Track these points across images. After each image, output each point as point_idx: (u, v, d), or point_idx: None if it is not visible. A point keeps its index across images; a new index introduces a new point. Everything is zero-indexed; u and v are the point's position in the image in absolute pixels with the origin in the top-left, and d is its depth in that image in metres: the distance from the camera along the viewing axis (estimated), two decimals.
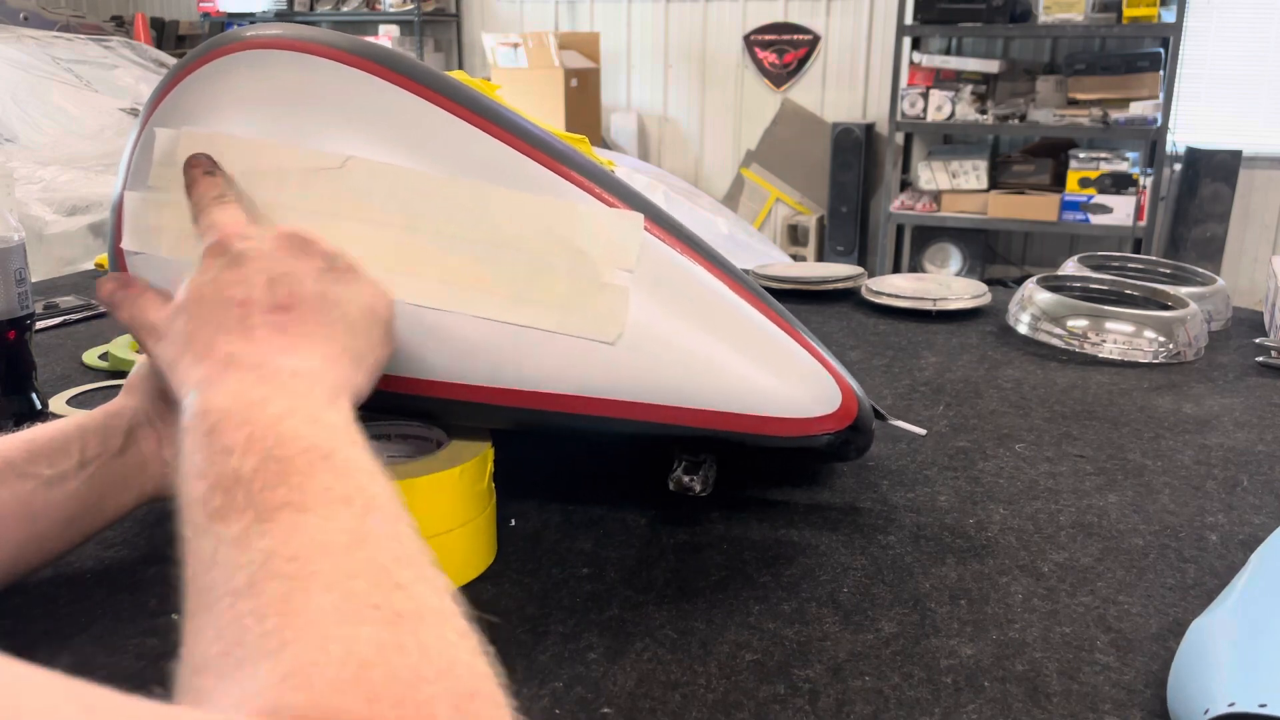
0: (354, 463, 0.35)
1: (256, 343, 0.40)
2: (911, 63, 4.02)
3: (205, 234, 0.46)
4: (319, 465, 0.33)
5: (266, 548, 0.30)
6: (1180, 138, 3.96)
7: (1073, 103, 3.80)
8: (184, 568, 0.32)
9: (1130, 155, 3.76)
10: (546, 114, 3.96)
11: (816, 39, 4.49)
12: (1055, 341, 0.98)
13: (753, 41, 4.59)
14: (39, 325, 0.95)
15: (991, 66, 3.97)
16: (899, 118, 3.94)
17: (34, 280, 0.86)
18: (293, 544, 0.30)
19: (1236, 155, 3.84)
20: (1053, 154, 3.95)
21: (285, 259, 0.43)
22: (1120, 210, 3.76)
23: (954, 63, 3.99)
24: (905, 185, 4.23)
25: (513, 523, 0.61)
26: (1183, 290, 1.04)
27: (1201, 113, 4.04)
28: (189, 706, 0.26)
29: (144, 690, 0.23)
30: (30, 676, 0.20)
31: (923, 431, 0.68)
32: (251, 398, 0.36)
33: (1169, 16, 3.58)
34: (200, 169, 0.49)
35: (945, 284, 1.14)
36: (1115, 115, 3.69)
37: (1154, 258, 1.22)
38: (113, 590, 0.54)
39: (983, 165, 3.93)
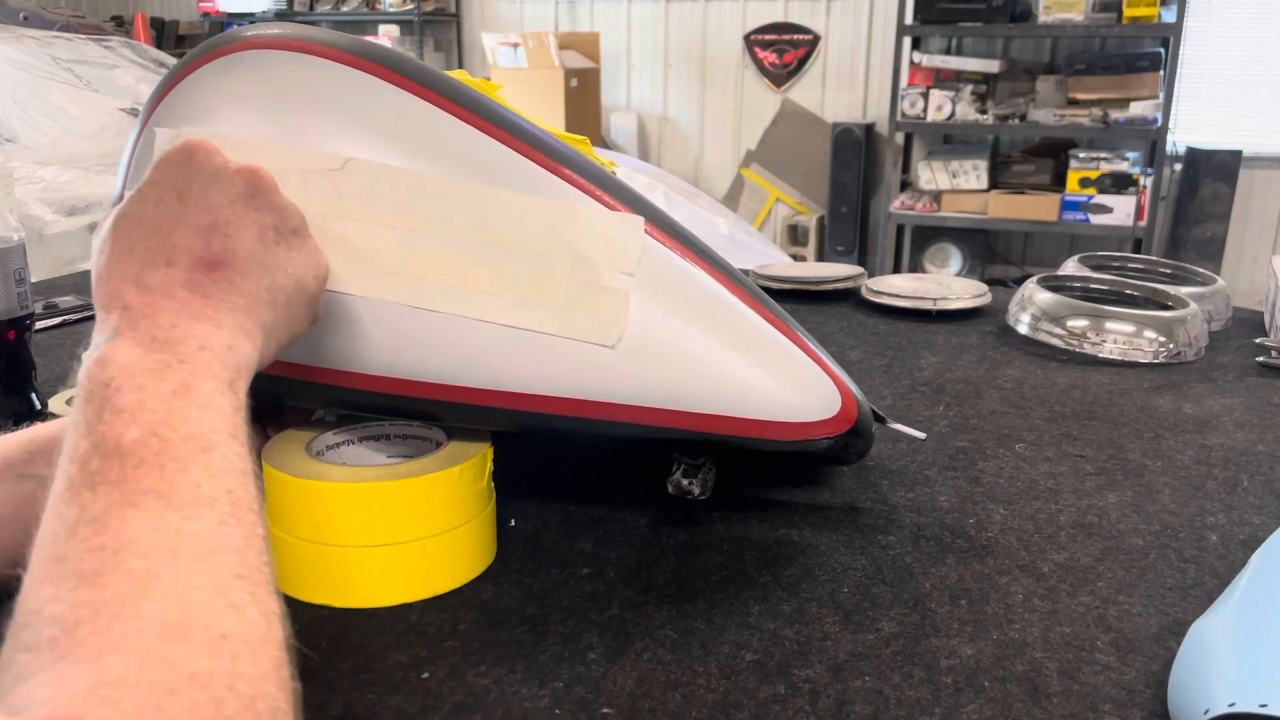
0: (230, 461, 0.36)
1: (174, 300, 0.39)
2: (911, 63, 4.02)
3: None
4: (196, 458, 0.34)
5: (123, 536, 0.31)
6: (1180, 138, 3.96)
7: (1073, 103, 3.80)
8: (43, 525, 0.33)
9: (1130, 155, 3.76)
10: (546, 114, 3.96)
11: (816, 39, 4.49)
12: (1055, 341, 0.98)
13: (753, 41, 4.59)
14: (39, 325, 0.95)
15: (991, 66, 3.97)
16: (899, 118, 3.94)
17: (34, 280, 0.86)
18: (147, 540, 0.31)
19: (1236, 155, 3.84)
20: (1053, 154, 3.95)
21: (235, 202, 0.42)
22: (1120, 210, 3.76)
23: (954, 63, 3.99)
24: (905, 185, 4.23)
25: (513, 523, 0.61)
26: (1183, 290, 1.04)
27: (1201, 113, 4.04)
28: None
29: None
30: None
31: (923, 435, 0.68)
32: (152, 363, 0.37)
33: (1169, 16, 3.58)
34: None
35: (945, 284, 1.14)
36: (1115, 115, 3.69)
37: (1154, 258, 1.22)
38: None
39: (983, 165, 3.93)
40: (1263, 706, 0.38)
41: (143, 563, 0.30)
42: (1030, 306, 1.02)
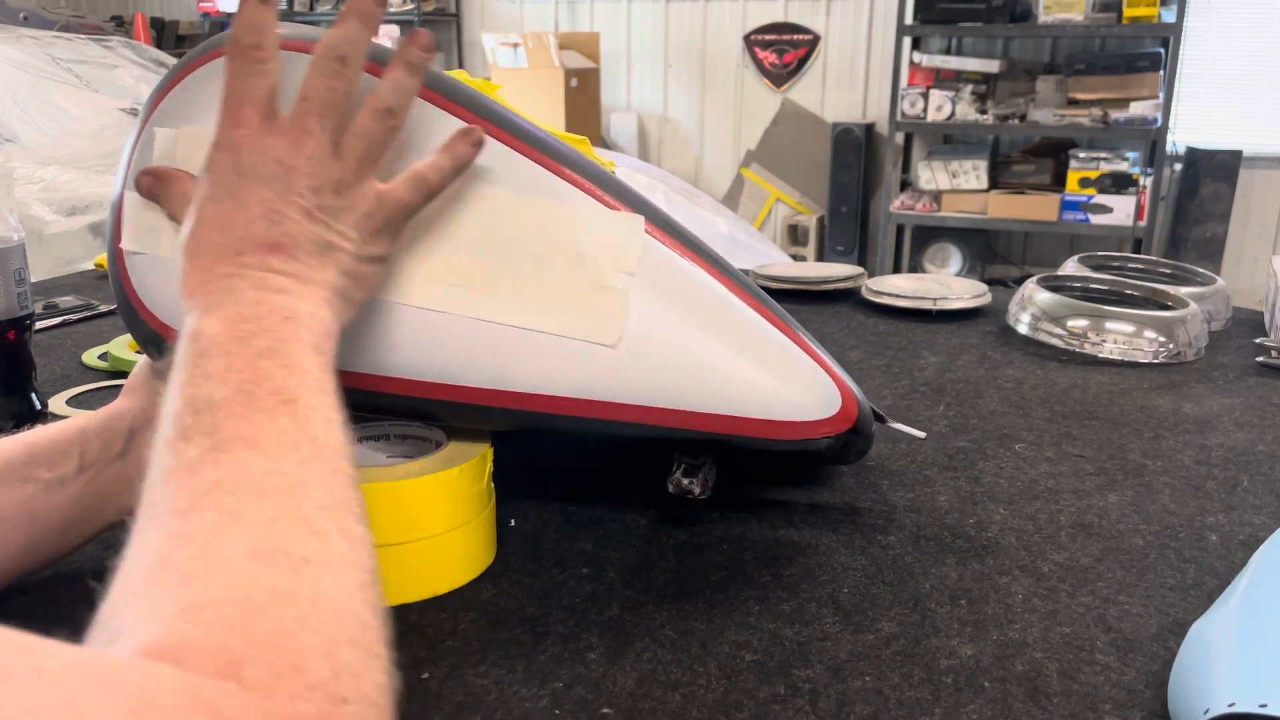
0: (315, 410, 0.38)
1: (252, 280, 0.42)
2: (911, 63, 4.02)
3: (223, 110, 0.45)
4: (281, 409, 0.36)
5: (213, 477, 0.33)
6: (1180, 138, 3.96)
7: (1073, 103, 3.80)
8: (145, 483, 0.35)
9: (1130, 155, 3.75)
10: (546, 114, 3.96)
11: (816, 39, 4.49)
12: (1055, 341, 0.98)
13: (753, 41, 4.59)
14: (39, 325, 0.95)
15: (991, 66, 3.97)
16: (899, 118, 3.94)
17: (34, 280, 0.86)
18: (235, 478, 0.33)
19: (1236, 155, 3.84)
20: (1053, 154, 3.95)
21: (279, 191, 0.44)
22: (1120, 210, 3.76)
23: (954, 63, 3.98)
24: (905, 185, 4.23)
25: (513, 523, 0.61)
26: (1183, 290, 1.04)
27: (1201, 113, 4.04)
28: (96, 646, 0.29)
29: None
30: None
31: (923, 435, 0.68)
32: (239, 331, 0.39)
33: (1169, 16, 3.58)
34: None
35: (945, 284, 1.14)
36: (1115, 115, 3.69)
37: (1154, 258, 1.22)
38: None
39: (983, 165, 3.93)
40: (1263, 706, 0.38)
41: (231, 498, 0.32)
42: (1030, 306, 1.02)
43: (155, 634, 0.27)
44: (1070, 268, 1.17)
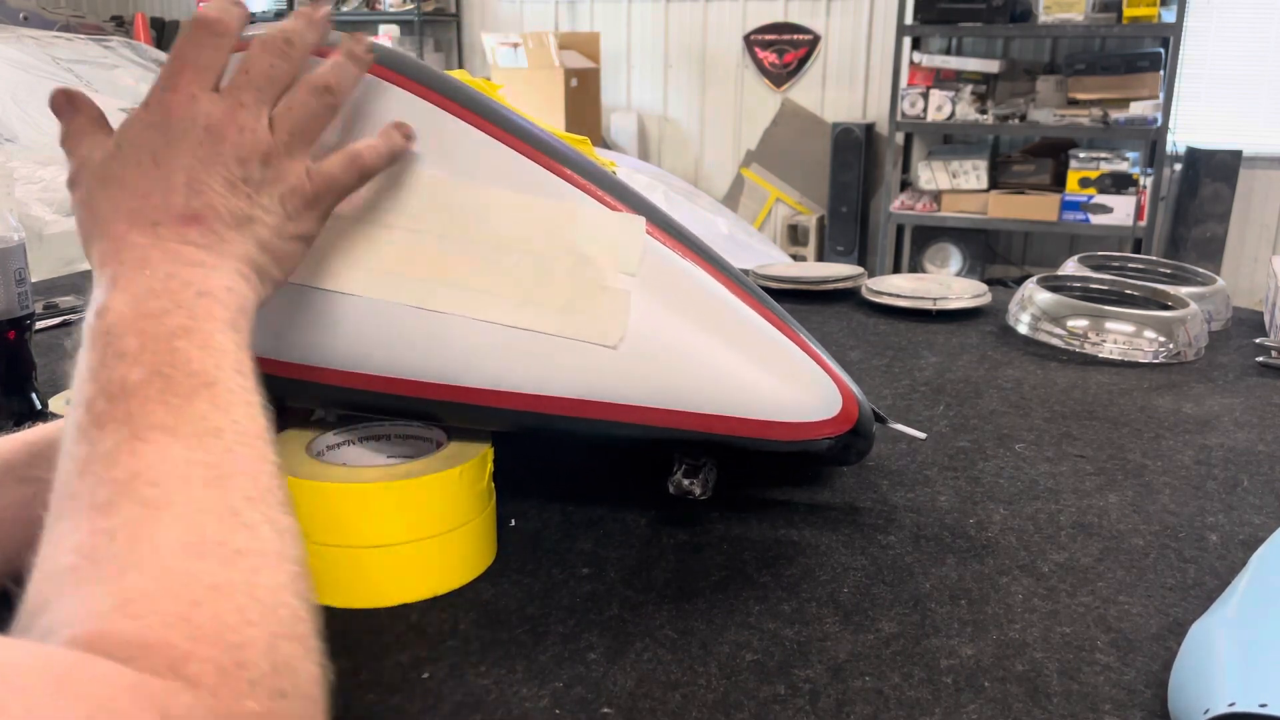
0: (234, 394, 0.37)
1: (166, 252, 0.41)
2: (911, 63, 4.02)
3: (164, 71, 0.44)
4: (200, 393, 0.35)
5: (133, 468, 0.32)
6: (1180, 138, 3.96)
7: (1073, 103, 3.80)
8: (58, 469, 0.34)
9: (1130, 155, 3.75)
10: (546, 114, 3.96)
11: (816, 39, 4.49)
12: (1055, 341, 0.98)
13: (753, 41, 4.59)
14: (39, 325, 0.95)
15: (991, 66, 3.97)
16: (899, 118, 3.94)
17: (34, 280, 0.86)
18: (157, 469, 0.32)
19: (1236, 155, 3.84)
20: (1053, 154, 3.95)
21: (203, 159, 0.43)
22: (1120, 210, 3.76)
23: (954, 63, 3.98)
24: (905, 185, 4.22)
25: (513, 523, 0.61)
26: (1183, 290, 1.04)
27: (1201, 113, 4.04)
28: (17, 637, 0.28)
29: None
30: None
31: (923, 435, 0.68)
32: (151, 308, 0.38)
33: (1169, 16, 3.58)
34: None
35: (945, 284, 1.14)
36: (1115, 115, 3.69)
37: (1154, 258, 1.22)
38: None
39: (983, 165, 3.93)
40: (1263, 706, 0.38)
41: (154, 490, 0.32)
42: (1030, 306, 1.02)
43: (93, 629, 0.27)
44: (1070, 268, 1.17)
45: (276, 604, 0.30)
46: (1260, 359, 0.96)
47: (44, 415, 0.75)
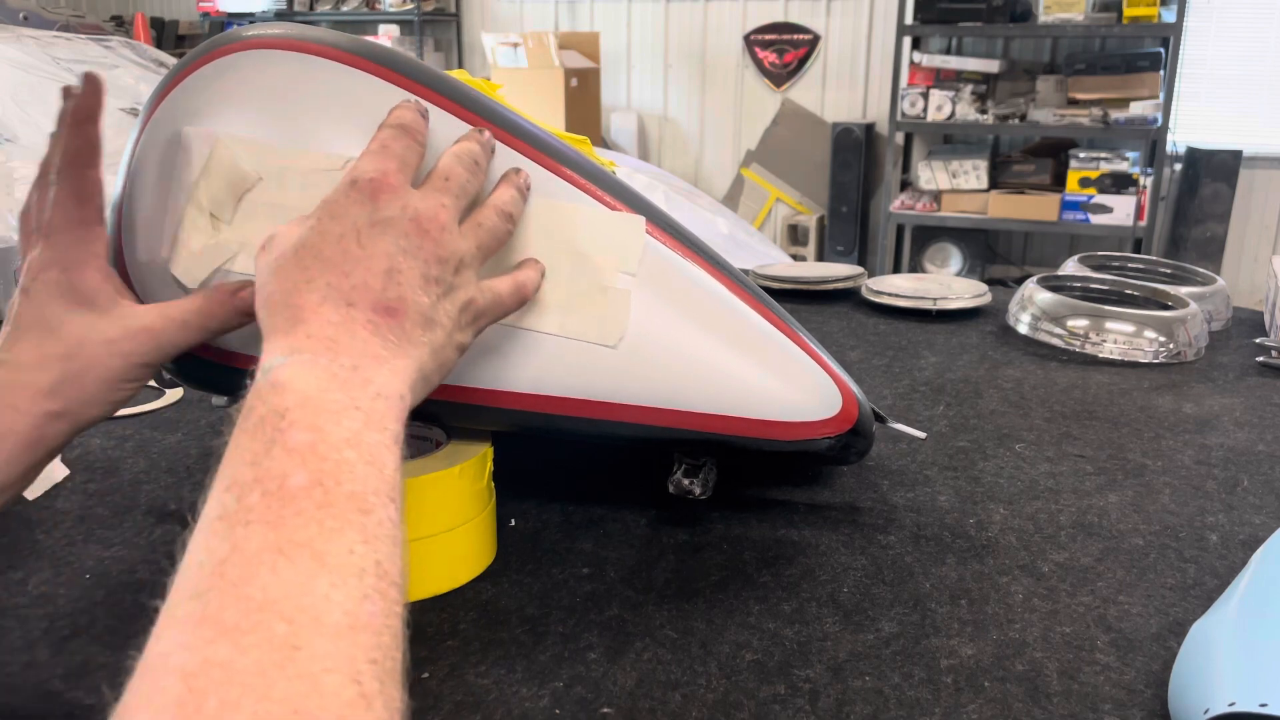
0: (384, 527, 0.34)
1: (356, 339, 0.39)
2: (911, 62, 4.02)
3: (368, 153, 0.44)
4: (354, 520, 0.33)
5: (270, 593, 0.30)
6: (1180, 138, 3.96)
7: (1073, 102, 3.80)
8: (188, 549, 0.31)
9: (1130, 155, 3.76)
10: (546, 114, 3.96)
11: (816, 39, 4.49)
12: (1055, 341, 0.98)
13: (753, 41, 4.59)
14: None
15: (991, 66, 3.97)
16: (899, 117, 3.94)
17: None
18: (293, 603, 0.30)
19: (1236, 155, 3.84)
20: (1053, 154, 3.95)
21: (407, 251, 0.42)
22: (1120, 210, 3.76)
23: (954, 62, 3.99)
24: (905, 185, 4.23)
25: (513, 523, 0.61)
26: (1183, 290, 1.04)
27: (1201, 113, 4.04)
28: None
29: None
30: None
31: (923, 435, 0.68)
32: (329, 404, 0.36)
33: (1169, 16, 3.59)
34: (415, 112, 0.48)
35: (945, 284, 1.14)
36: (1115, 115, 3.69)
37: (1154, 258, 1.22)
38: (113, 590, 0.54)
39: (983, 165, 3.93)
40: (1263, 706, 0.38)
41: (286, 628, 0.29)
42: (1030, 306, 1.02)
43: None
44: (1070, 268, 1.17)
45: None
46: (1260, 359, 0.96)
47: None
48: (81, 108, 0.49)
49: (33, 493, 0.64)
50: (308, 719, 0.27)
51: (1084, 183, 3.79)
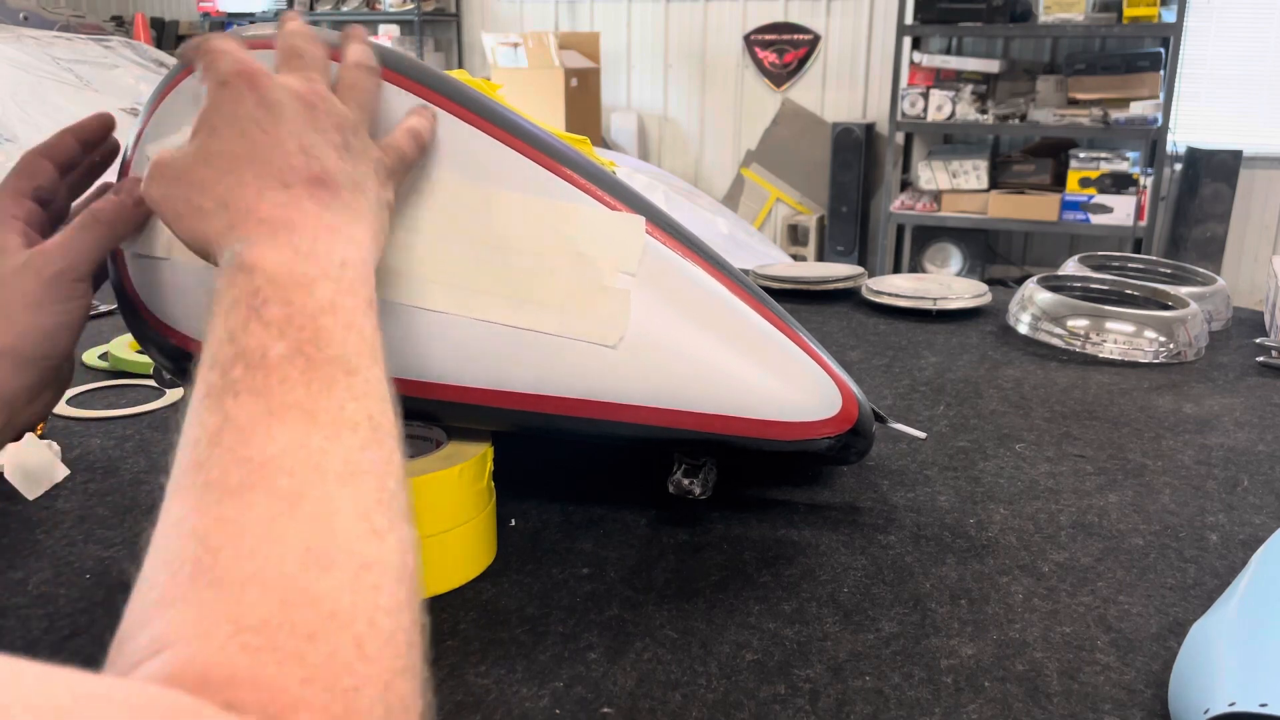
0: (371, 385, 0.35)
1: (306, 215, 0.39)
2: (911, 63, 4.02)
3: (222, 62, 0.42)
4: (340, 380, 0.34)
5: (268, 451, 0.31)
6: (1180, 138, 3.96)
7: (1073, 103, 3.80)
8: (183, 430, 0.32)
9: (1130, 155, 3.76)
10: (546, 114, 3.96)
11: (816, 39, 4.49)
12: (1055, 341, 0.98)
13: (753, 41, 4.59)
14: None
15: (992, 66, 3.97)
16: (899, 117, 3.94)
17: None
18: (293, 457, 0.31)
19: (1236, 155, 3.84)
20: (1053, 154, 3.95)
21: (306, 125, 0.42)
22: (1120, 210, 3.76)
23: (954, 63, 3.99)
24: (905, 185, 4.23)
25: (513, 523, 0.61)
26: (1183, 290, 1.04)
27: (1201, 113, 4.04)
28: (137, 650, 0.26)
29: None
30: None
31: (923, 435, 0.68)
32: (298, 276, 0.36)
33: (1169, 16, 3.58)
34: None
35: (945, 284, 1.14)
36: (1115, 115, 3.69)
37: (1154, 258, 1.22)
38: (113, 590, 0.54)
39: (983, 165, 3.93)
40: (1263, 706, 0.38)
41: (288, 480, 0.30)
42: (1030, 306, 1.02)
43: (205, 660, 0.25)
44: (1070, 268, 1.17)
45: (394, 630, 0.28)
46: (1260, 359, 0.96)
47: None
48: (85, 129, 0.51)
49: (33, 493, 0.64)
50: (319, 554, 0.28)
51: (1084, 183, 3.79)
